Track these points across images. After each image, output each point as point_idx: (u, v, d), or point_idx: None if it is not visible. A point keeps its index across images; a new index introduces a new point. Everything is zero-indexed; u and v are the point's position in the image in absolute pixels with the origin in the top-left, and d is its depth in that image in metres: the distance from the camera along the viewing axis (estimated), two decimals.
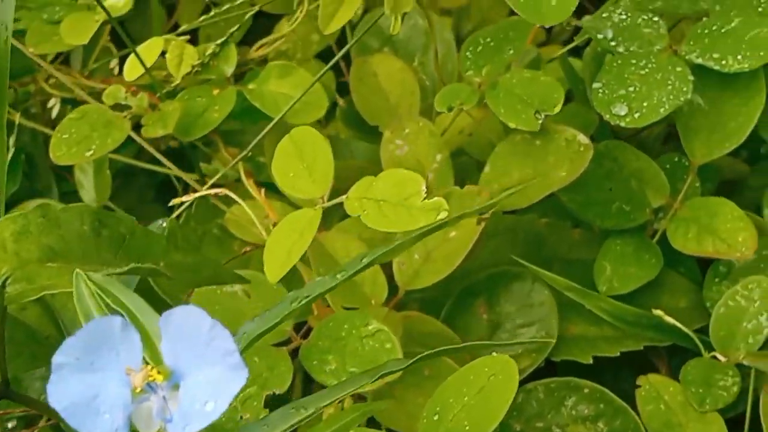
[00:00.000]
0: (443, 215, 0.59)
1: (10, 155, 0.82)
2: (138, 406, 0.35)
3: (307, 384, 0.69)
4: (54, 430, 0.74)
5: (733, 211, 0.74)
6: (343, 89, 0.92)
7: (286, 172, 0.65)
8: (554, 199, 0.79)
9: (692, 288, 0.78)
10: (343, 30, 0.88)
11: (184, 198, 0.66)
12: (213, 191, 0.66)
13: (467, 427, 0.59)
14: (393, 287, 0.72)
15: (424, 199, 0.60)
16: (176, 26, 1.17)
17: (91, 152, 0.73)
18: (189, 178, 0.81)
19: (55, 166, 0.90)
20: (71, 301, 0.65)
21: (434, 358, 0.65)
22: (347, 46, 0.80)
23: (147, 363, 0.36)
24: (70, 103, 0.91)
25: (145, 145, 0.75)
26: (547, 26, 0.72)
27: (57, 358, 0.35)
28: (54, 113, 0.89)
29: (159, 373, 0.35)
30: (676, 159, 0.80)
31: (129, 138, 0.85)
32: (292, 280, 0.68)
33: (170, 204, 0.69)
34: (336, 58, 0.77)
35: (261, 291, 0.66)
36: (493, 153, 0.75)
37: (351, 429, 0.57)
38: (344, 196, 0.62)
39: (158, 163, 0.85)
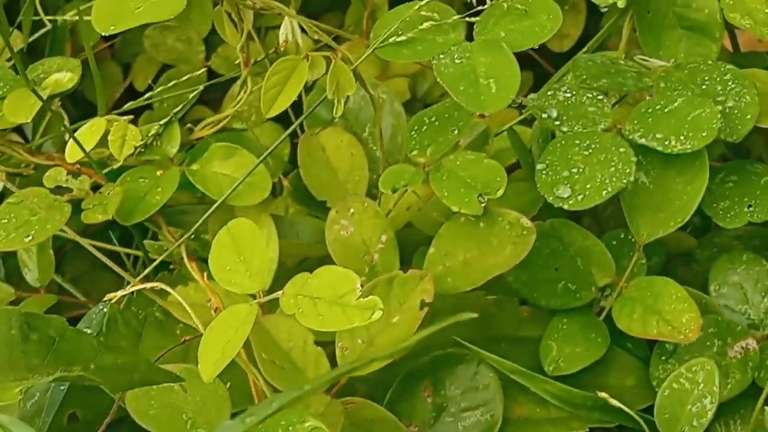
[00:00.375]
0: (377, 315, 0.58)
1: None
2: None
3: None
4: None
5: (677, 292, 0.74)
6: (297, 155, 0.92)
7: (224, 266, 0.64)
8: (502, 276, 0.79)
9: (639, 366, 0.78)
10: None
11: (119, 293, 0.66)
12: (148, 285, 0.66)
13: None
14: None
15: (359, 297, 0.59)
16: (131, 87, 1.18)
17: (30, 238, 0.72)
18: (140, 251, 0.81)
19: None
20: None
21: None
22: (293, 125, 0.80)
23: None
24: (17, 176, 0.91)
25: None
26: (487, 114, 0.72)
27: None
28: None
29: None
30: (623, 235, 0.80)
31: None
32: (231, 370, 0.67)
33: (105, 298, 0.68)
34: (280, 139, 0.77)
35: (198, 385, 0.66)
36: (438, 234, 0.75)
37: None
38: (280, 292, 0.62)
39: (106, 234, 0.85)
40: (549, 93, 0.79)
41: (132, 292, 0.72)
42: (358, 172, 0.84)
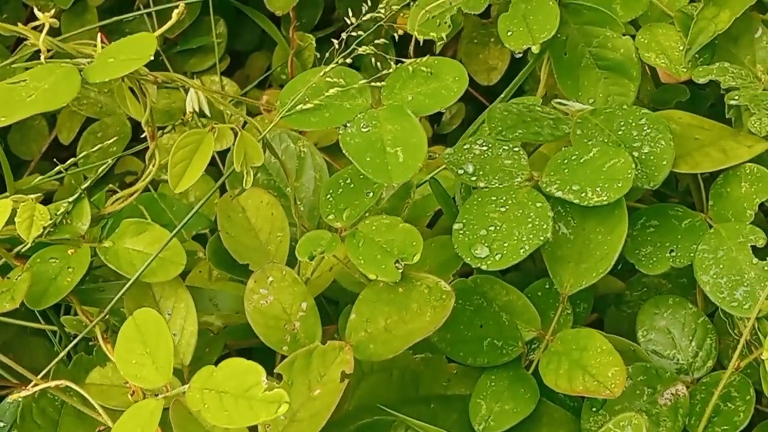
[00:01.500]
0: (283, 409, 0.57)
1: None
2: None
3: None
4: None
5: (602, 345, 0.74)
6: None
7: (129, 360, 0.62)
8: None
9: (570, 418, 0.77)
10: None
11: (23, 394, 0.64)
12: (52, 383, 0.64)
13: None
14: None
15: (265, 390, 0.58)
16: (56, 140, 1.16)
17: None
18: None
19: None
20: None
21: None
22: (214, 187, 0.79)
23: None
24: None
25: None
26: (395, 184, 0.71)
27: None
28: None
29: None
30: (547, 286, 0.79)
31: None
32: None
33: (10, 398, 0.66)
34: (195, 209, 0.75)
35: None
36: (358, 299, 0.74)
37: None
38: (186, 386, 0.60)
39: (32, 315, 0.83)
40: (465, 147, 0.78)
41: (47, 373, 0.70)
42: (278, 232, 0.82)
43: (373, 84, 0.73)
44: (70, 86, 0.65)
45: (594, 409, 0.76)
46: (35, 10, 0.68)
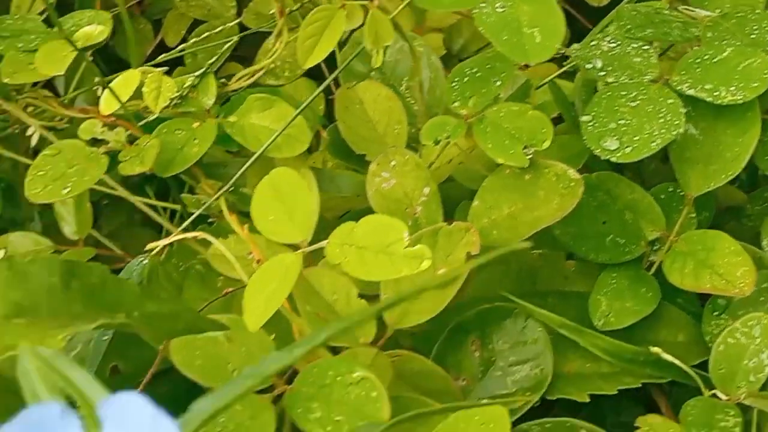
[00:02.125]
0: (426, 264, 0.57)
1: None
2: None
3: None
4: None
5: (730, 246, 0.72)
6: (332, 110, 0.90)
7: (266, 216, 0.62)
8: (548, 230, 0.77)
9: (690, 321, 0.76)
10: None
11: (161, 242, 0.64)
12: (190, 235, 0.64)
13: None
14: (382, 323, 0.71)
15: (407, 246, 0.58)
16: (162, 44, 1.16)
17: (68, 190, 0.70)
18: (178, 205, 0.79)
19: None
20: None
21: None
22: (329, 78, 0.78)
23: None
24: (51, 129, 0.89)
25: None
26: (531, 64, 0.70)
27: None
28: (33, 141, 0.87)
29: None
30: (671, 189, 0.77)
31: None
32: (276, 320, 0.66)
33: (146, 248, 0.67)
34: (317, 91, 0.75)
35: (243, 335, 0.64)
36: (482, 187, 0.73)
37: None
38: (325, 242, 0.60)
39: (143, 190, 0.83)
40: (592, 43, 0.77)
41: (172, 244, 0.70)
42: (396, 125, 0.82)
43: None
44: None
45: (716, 313, 0.74)
46: None
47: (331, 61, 0.85)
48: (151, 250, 0.66)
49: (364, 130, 0.82)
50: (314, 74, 0.92)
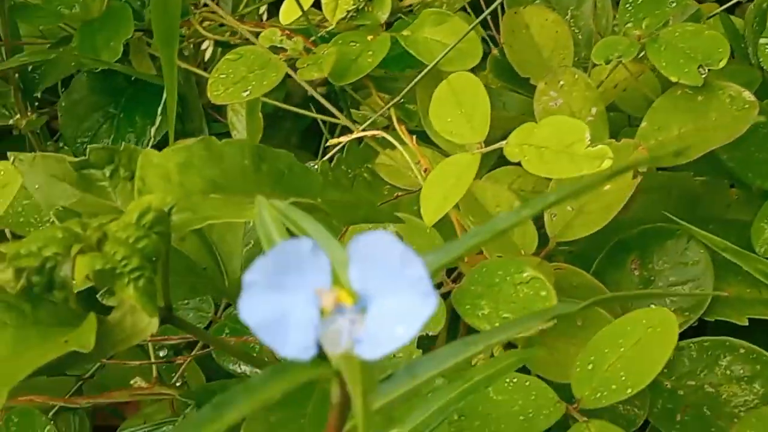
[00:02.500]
0: (607, 164, 0.57)
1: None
2: (326, 328, 0.36)
3: (454, 328, 0.69)
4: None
5: None
6: (489, 43, 0.91)
7: (444, 118, 0.64)
8: (710, 157, 0.77)
9: None
10: None
11: (342, 138, 0.66)
12: (370, 133, 0.66)
13: (623, 378, 0.58)
14: (542, 239, 0.72)
15: (588, 146, 0.59)
16: None
17: (248, 92, 0.73)
18: (343, 120, 0.82)
19: (206, 107, 0.92)
20: (229, 234, 0.67)
21: (588, 308, 0.64)
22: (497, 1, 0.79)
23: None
24: (222, 45, 0.93)
25: (304, 84, 0.74)
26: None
27: (247, 277, 0.36)
28: (207, 55, 0.90)
29: (348, 296, 0.35)
30: None
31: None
32: (442, 225, 0.68)
33: (327, 145, 0.69)
34: (489, 9, 0.76)
35: (414, 233, 0.66)
36: (652, 107, 0.73)
37: (504, 375, 0.57)
38: (503, 142, 0.62)
39: (306, 109, 0.86)
40: None
41: (342, 150, 0.73)
42: (562, 50, 0.82)
43: None
44: None
45: None
46: None
47: None
48: (317, 156, 0.69)
49: (530, 55, 0.83)
50: (473, 4, 0.93)
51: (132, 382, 0.74)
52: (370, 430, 0.38)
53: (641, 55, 0.74)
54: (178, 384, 0.73)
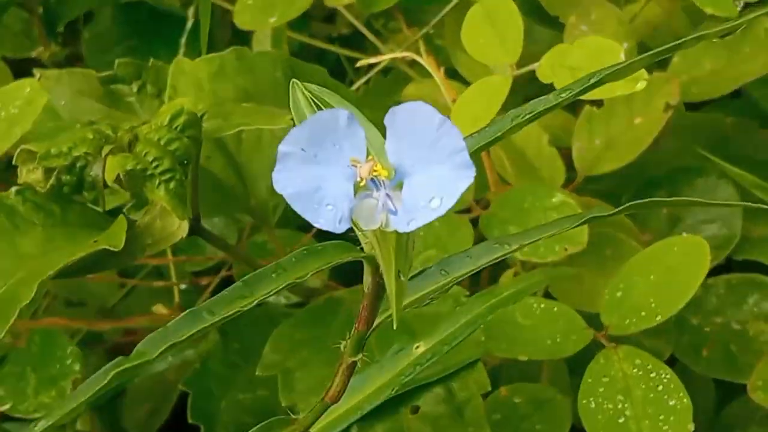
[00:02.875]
0: (641, 86, 0.56)
1: (189, 24, 0.83)
2: (361, 201, 0.35)
3: None
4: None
5: None
6: None
7: (477, 39, 0.63)
8: (740, 99, 0.76)
9: None
10: None
11: (371, 59, 0.66)
12: (399, 54, 0.65)
13: (653, 305, 0.58)
14: (570, 175, 0.71)
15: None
16: None
17: (275, 18, 0.72)
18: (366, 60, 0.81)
19: (231, 38, 0.91)
20: (257, 153, 0.66)
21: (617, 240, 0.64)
22: None
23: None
24: None
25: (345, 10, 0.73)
26: None
27: (282, 148, 0.35)
28: None
29: (383, 169, 0.35)
30: None
31: (302, 23, 0.85)
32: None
33: (357, 66, 0.68)
34: None
35: None
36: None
37: (529, 293, 0.56)
38: (536, 64, 0.61)
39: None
40: None
41: (367, 82, 0.72)
42: None
43: None
44: None
45: None
46: None
47: None
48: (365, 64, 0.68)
49: None
50: None
51: (153, 309, 0.73)
52: (401, 306, 0.37)
53: None
54: None
